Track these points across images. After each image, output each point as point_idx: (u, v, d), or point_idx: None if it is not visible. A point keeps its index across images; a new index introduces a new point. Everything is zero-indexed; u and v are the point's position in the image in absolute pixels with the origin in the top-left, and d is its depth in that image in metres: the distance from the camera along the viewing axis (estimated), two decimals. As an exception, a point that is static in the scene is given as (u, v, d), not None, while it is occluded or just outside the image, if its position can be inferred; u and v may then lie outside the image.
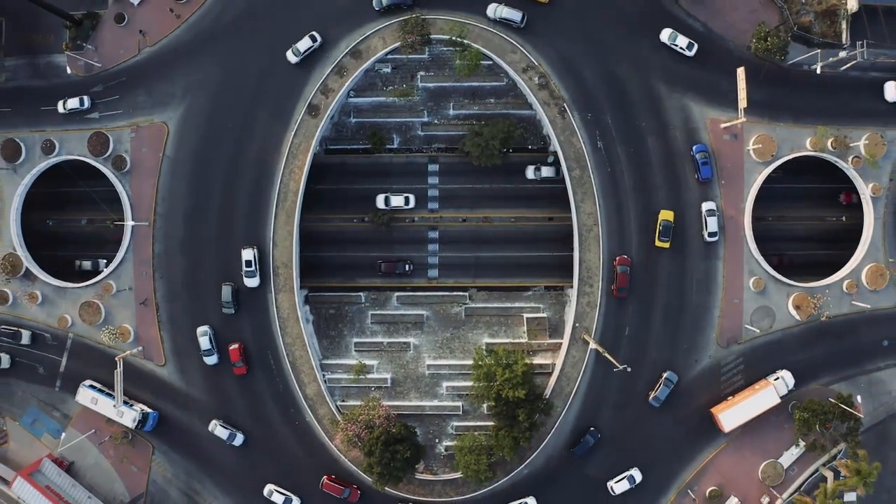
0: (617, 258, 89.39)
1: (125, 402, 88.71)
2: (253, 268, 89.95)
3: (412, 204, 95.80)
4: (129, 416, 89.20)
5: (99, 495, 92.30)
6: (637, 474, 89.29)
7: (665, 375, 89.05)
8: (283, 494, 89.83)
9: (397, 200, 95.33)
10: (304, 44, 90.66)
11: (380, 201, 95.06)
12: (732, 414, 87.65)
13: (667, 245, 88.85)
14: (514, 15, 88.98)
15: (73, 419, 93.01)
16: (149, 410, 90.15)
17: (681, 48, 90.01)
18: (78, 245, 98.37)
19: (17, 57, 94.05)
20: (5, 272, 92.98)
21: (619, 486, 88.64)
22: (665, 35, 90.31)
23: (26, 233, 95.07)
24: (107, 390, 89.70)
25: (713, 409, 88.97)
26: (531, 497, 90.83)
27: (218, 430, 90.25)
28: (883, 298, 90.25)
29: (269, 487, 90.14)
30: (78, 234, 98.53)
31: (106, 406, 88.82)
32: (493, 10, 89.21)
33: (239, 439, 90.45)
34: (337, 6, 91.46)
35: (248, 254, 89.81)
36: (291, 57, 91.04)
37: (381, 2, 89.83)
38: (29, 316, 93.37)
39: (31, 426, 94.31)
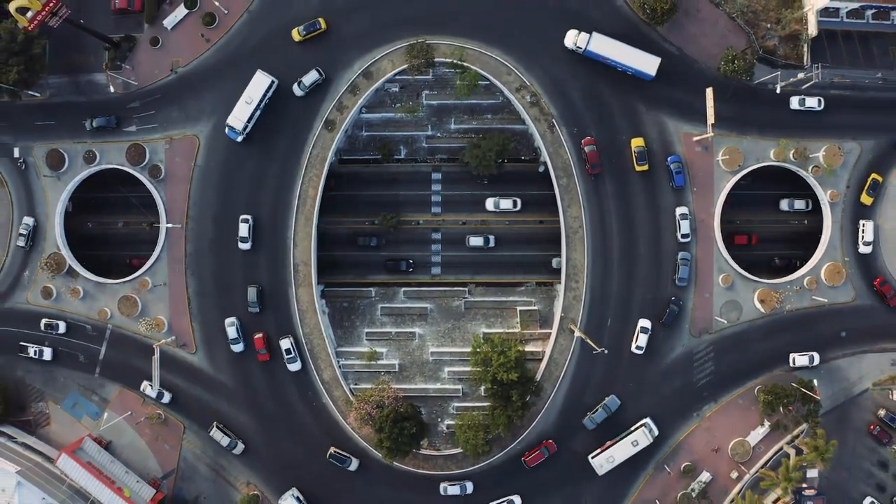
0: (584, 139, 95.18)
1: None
2: (247, 234, 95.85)
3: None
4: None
5: (134, 471, 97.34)
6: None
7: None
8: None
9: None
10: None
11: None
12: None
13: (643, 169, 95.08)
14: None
15: (111, 402, 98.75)
16: None
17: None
18: (115, 245, 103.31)
19: (60, 75, 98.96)
20: (50, 270, 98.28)
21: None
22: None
23: (69, 234, 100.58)
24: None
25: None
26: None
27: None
28: (840, 294, 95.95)
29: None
30: (115, 235, 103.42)
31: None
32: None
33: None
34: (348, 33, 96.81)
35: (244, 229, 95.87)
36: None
37: (303, 86, 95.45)
38: (71, 309, 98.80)
39: (72, 409, 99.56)
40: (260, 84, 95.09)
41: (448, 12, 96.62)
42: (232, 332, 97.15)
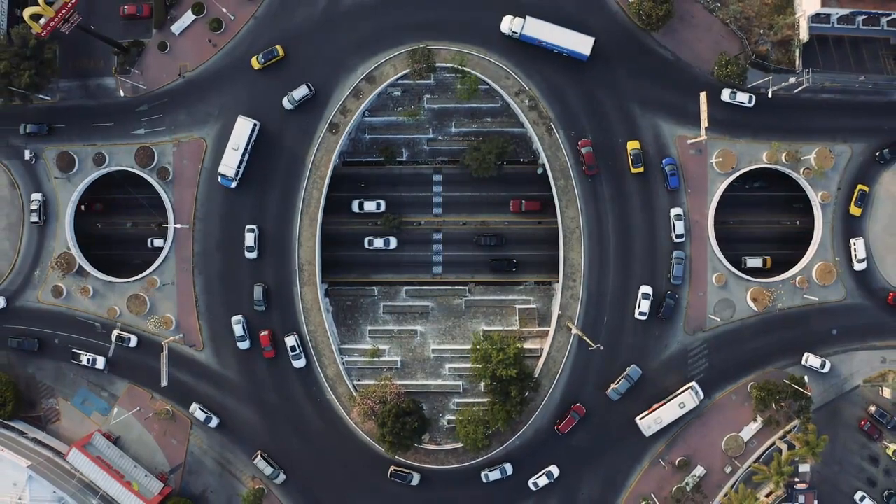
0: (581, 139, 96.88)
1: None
2: (252, 243, 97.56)
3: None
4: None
5: (143, 465, 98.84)
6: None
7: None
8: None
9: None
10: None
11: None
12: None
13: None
14: None
15: (120, 398, 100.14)
16: None
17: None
18: (124, 245, 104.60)
19: (70, 79, 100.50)
20: (61, 269, 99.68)
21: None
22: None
23: (79, 234, 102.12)
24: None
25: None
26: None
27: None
28: (831, 293, 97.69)
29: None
30: (124, 235, 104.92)
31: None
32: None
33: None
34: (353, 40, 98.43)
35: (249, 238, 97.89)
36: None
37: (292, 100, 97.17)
38: (81, 307, 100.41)
39: (82, 405, 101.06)
40: (243, 129, 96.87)
41: (449, 20, 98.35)
42: (238, 329, 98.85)
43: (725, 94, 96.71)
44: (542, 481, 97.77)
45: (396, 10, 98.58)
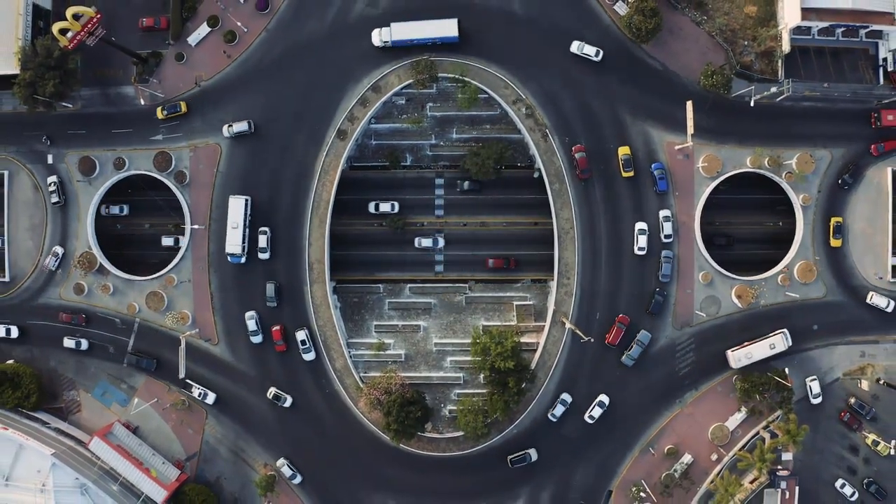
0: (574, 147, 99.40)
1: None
2: (265, 245, 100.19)
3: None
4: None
5: (160, 453, 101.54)
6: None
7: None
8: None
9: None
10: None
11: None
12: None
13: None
14: None
15: (139, 390, 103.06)
16: None
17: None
18: (142, 245, 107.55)
19: (91, 87, 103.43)
20: (82, 267, 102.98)
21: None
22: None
23: (100, 234, 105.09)
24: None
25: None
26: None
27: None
28: (812, 290, 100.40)
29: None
30: (142, 235, 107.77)
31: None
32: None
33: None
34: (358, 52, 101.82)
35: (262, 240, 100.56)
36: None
37: None
38: (102, 304, 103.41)
39: (102, 397, 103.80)
40: (237, 207, 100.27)
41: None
42: (251, 324, 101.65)
43: (574, 47, 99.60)
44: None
45: (399, 21, 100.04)
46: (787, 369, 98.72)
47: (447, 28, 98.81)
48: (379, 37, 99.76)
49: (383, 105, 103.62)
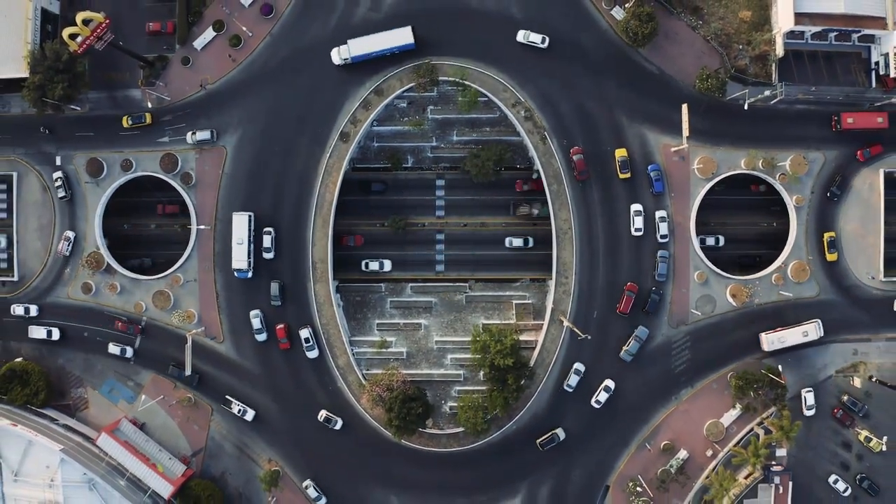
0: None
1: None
2: (270, 244, 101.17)
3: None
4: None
5: (166, 449, 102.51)
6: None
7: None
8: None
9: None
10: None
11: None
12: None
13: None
14: None
15: (145, 387, 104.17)
16: None
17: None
18: (149, 245, 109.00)
19: (99, 90, 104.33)
20: (90, 267, 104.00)
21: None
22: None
23: (107, 235, 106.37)
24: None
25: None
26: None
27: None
28: (805, 289, 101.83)
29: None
30: (148, 236, 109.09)
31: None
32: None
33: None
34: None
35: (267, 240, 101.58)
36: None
37: None
38: (109, 303, 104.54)
39: (109, 394, 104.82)
40: (241, 224, 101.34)
41: (451, 38, 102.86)
42: (256, 323, 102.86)
43: (520, 36, 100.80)
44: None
45: (402, 26, 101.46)
46: (780, 367, 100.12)
47: (403, 36, 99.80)
48: (338, 55, 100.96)
49: (385, 108, 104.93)
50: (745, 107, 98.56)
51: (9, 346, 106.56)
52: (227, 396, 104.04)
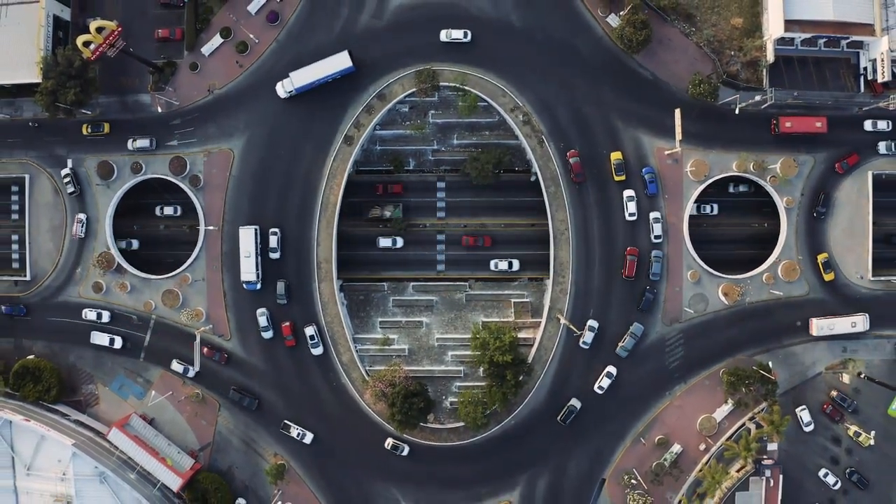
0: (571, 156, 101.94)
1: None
2: (276, 245, 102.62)
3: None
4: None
5: (175, 444, 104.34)
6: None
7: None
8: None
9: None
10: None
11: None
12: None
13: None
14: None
15: (154, 384, 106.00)
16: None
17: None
18: (158, 245, 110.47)
19: (108, 95, 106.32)
20: (101, 266, 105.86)
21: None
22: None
23: (117, 235, 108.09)
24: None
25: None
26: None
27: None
28: (795, 288, 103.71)
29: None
30: (158, 236, 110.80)
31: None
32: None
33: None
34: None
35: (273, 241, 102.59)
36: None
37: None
38: (119, 302, 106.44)
39: (119, 390, 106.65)
40: (248, 237, 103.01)
41: (451, 45, 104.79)
42: (262, 321, 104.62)
43: (442, 35, 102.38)
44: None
45: (406, 33, 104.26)
46: (770, 363, 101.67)
47: (340, 62, 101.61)
48: (283, 88, 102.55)
49: (388, 112, 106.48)
50: (737, 111, 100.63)
51: (21, 343, 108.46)
52: (286, 421, 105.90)
